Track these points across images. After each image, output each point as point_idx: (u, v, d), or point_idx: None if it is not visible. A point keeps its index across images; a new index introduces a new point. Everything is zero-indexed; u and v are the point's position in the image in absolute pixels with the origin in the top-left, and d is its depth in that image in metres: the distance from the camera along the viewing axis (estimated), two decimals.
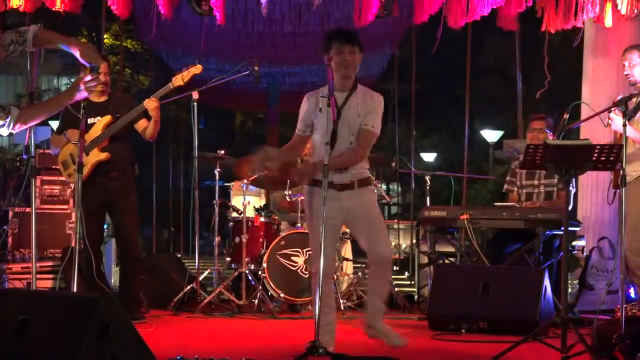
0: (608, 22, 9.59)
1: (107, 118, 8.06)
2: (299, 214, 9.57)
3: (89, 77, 5.40)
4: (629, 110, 6.46)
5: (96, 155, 8.01)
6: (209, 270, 9.83)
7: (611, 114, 7.11)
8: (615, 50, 9.98)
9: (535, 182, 9.06)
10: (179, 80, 8.24)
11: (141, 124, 8.19)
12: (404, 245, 13.23)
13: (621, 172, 5.98)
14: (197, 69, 8.40)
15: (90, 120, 8.02)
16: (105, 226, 13.00)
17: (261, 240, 9.52)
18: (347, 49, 6.06)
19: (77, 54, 5.46)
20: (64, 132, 8.09)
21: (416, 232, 10.53)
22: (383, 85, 18.14)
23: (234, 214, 9.80)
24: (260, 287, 9.11)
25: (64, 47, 5.73)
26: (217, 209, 9.54)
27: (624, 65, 7.73)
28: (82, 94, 5.43)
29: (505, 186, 9.38)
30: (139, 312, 8.09)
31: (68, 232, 9.65)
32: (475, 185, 23.03)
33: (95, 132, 8.03)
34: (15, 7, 9.57)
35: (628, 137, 6.29)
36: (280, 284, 9.12)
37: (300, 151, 7.09)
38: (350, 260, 10.67)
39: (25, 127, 5.61)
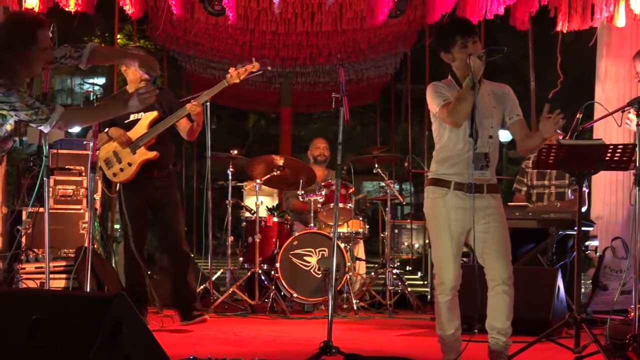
0: (621, 22, 9.57)
1: (154, 114, 7.80)
2: (312, 214, 9.58)
3: (142, 90, 5.35)
4: None
5: (144, 154, 7.78)
6: (222, 270, 9.83)
7: (630, 115, 7.04)
8: (628, 51, 9.96)
9: (546, 182, 9.04)
10: (234, 77, 7.77)
11: (182, 123, 7.89)
12: (416, 245, 13.22)
13: (636, 172, 5.96)
14: (254, 66, 7.85)
15: (134, 117, 7.86)
16: (117, 226, 13.01)
17: (274, 240, 9.53)
18: (470, 41, 5.52)
19: (135, 65, 5.46)
20: (105, 129, 7.87)
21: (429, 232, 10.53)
22: (396, 85, 18.13)
23: (247, 214, 9.81)
24: (273, 287, 9.11)
25: (122, 62, 5.76)
26: (230, 209, 9.55)
27: (637, 73, 7.65)
28: (135, 107, 5.38)
29: (515, 185, 9.37)
30: (196, 311, 7.85)
31: (81, 232, 9.66)
32: None
33: (140, 129, 7.83)
34: (29, 8, 9.58)
35: None
36: (293, 284, 9.13)
37: None
38: (363, 260, 10.68)
39: (64, 129, 5.63)
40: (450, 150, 5.58)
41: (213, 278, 9.54)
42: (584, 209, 8.97)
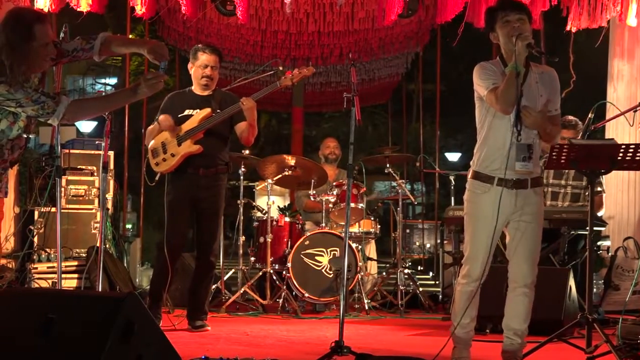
0: (632, 21, 9.55)
1: (206, 111, 7.68)
2: (323, 214, 9.58)
3: (150, 76, 5.30)
4: None
5: (187, 147, 7.64)
6: (233, 270, 9.84)
7: None
8: None
9: (563, 182, 9.01)
10: (287, 80, 7.77)
11: (241, 126, 7.79)
12: (428, 245, 13.21)
13: None
14: (309, 70, 7.89)
15: (188, 112, 7.77)
16: (129, 226, 12.96)
17: (285, 240, 9.53)
18: (513, 17, 5.36)
19: (144, 51, 5.41)
20: (156, 119, 7.84)
21: (440, 232, 10.55)
22: (407, 85, 18.13)
23: (259, 214, 9.82)
24: (285, 286, 9.12)
25: (133, 50, 5.72)
26: (241, 209, 9.55)
27: None
28: (144, 93, 5.32)
29: None
30: (201, 321, 7.78)
31: (93, 232, 9.69)
32: None
33: (191, 124, 7.69)
34: (41, 8, 9.57)
35: None
36: (304, 283, 9.13)
37: None
38: (374, 260, 10.68)
39: (74, 121, 5.60)
40: (493, 140, 5.50)
41: (225, 278, 9.55)
42: (601, 213, 8.95)
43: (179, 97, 7.97)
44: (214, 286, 9.10)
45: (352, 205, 9.38)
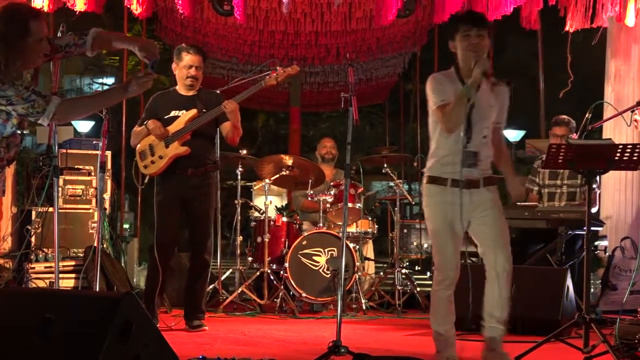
0: (630, 21, 9.54)
1: (193, 112, 7.68)
2: (321, 214, 9.57)
3: (141, 74, 5.29)
4: None
5: (175, 149, 7.64)
6: (231, 270, 9.82)
7: (637, 117, 7.03)
8: (638, 51, 9.95)
9: (558, 182, 9.02)
10: (272, 79, 7.79)
11: (226, 127, 7.80)
12: (425, 245, 13.20)
13: None
14: (294, 69, 7.91)
15: (174, 113, 7.76)
16: (126, 225, 12.93)
17: (283, 240, 9.52)
18: (474, 32, 5.49)
19: (135, 49, 5.40)
20: (145, 123, 7.80)
21: None
22: (405, 85, 18.13)
23: (256, 214, 9.81)
24: (282, 286, 9.11)
25: (124, 46, 5.71)
26: (239, 209, 9.54)
27: None
28: (134, 91, 5.30)
29: (526, 184, 9.33)
30: (198, 320, 7.77)
31: (91, 231, 9.67)
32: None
33: (178, 125, 7.69)
34: (38, 7, 9.55)
35: None
36: (302, 283, 9.12)
37: None
38: (372, 260, 10.67)
39: (65, 121, 5.57)
40: (444, 147, 5.60)
41: (222, 278, 9.54)
42: (594, 210, 8.96)
43: (164, 98, 7.95)
44: (211, 286, 9.10)
45: (350, 205, 9.37)
